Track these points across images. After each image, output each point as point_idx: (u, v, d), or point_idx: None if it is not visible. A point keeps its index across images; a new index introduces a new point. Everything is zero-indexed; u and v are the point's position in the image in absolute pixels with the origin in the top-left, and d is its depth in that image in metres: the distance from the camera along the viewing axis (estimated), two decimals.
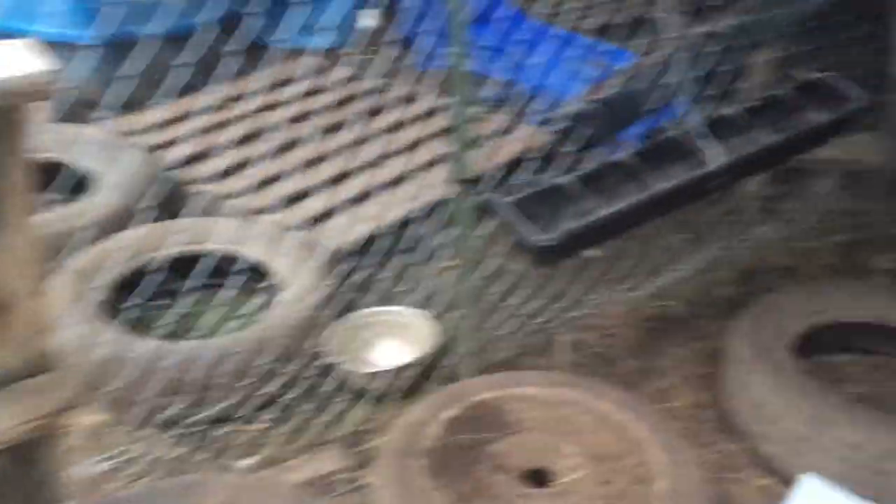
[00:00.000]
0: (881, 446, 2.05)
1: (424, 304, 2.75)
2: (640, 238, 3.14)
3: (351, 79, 4.20)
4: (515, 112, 4.17)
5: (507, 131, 3.67)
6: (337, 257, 2.97)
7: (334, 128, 3.61)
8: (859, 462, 2.08)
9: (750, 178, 3.08)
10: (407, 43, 5.14)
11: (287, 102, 3.69)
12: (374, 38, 5.30)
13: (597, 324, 2.80)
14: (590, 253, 2.90)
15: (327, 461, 2.25)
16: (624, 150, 2.50)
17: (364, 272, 2.87)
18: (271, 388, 2.39)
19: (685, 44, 2.57)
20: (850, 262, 3.25)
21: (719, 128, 2.59)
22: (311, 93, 3.84)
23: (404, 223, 3.11)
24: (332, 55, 5.16)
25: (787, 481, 2.24)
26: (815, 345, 2.64)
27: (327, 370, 2.50)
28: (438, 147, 3.44)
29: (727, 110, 2.60)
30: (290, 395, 2.43)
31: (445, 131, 3.75)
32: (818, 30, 2.88)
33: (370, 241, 3.04)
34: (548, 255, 2.27)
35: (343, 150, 3.42)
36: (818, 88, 2.71)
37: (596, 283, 2.92)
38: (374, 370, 2.48)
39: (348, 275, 3.02)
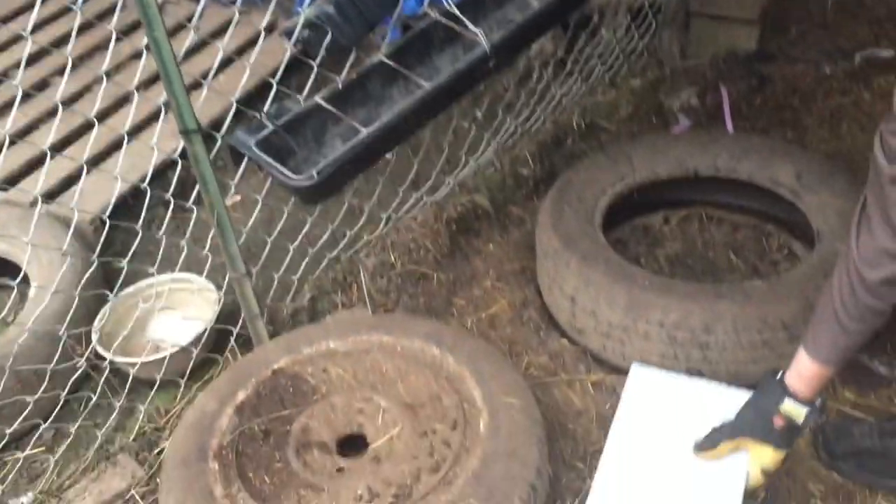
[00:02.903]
0: (697, 320, 1.95)
1: (201, 264, 2.40)
2: (429, 130, 2.87)
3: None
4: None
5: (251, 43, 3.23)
6: (91, 228, 2.56)
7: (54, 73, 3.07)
8: (681, 340, 1.98)
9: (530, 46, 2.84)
10: None
11: None
12: None
13: (400, 239, 2.55)
14: None
15: (115, 479, 1.94)
16: (381, 48, 2.17)
17: (126, 239, 2.48)
18: (39, 399, 2.03)
19: None
20: (647, 108, 3.12)
21: (481, 2, 2.30)
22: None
23: (161, 172, 2.70)
24: None
25: (619, 372, 2.13)
26: (624, 212, 2.51)
27: (100, 366, 2.15)
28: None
29: None
30: (63, 406, 2.08)
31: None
32: None
33: (125, 201, 2.64)
34: (313, 195, 1.96)
35: (67, 100, 2.92)
36: None
37: (391, 194, 2.65)
38: (151, 358, 2.15)
39: (107, 246, 2.61)
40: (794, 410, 1.53)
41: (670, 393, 1.77)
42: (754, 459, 1.59)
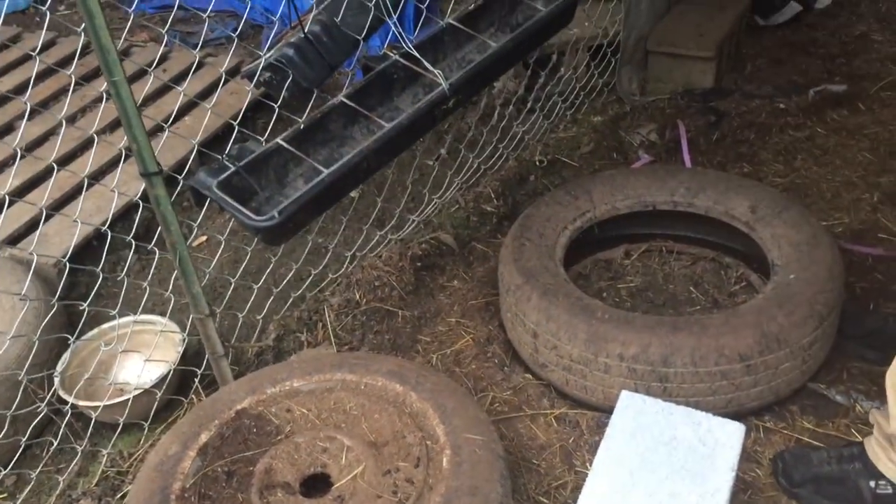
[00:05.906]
0: (656, 353, 1.98)
1: (167, 305, 2.40)
2: (394, 169, 2.91)
3: (47, 45, 3.62)
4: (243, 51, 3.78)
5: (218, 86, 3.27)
6: (55, 271, 2.55)
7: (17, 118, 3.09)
8: (641, 373, 2.01)
9: (488, 86, 2.89)
10: None
11: None
12: None
13: (365, 277, 2.57)
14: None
15: None
16: (343, 89, 2.21)
17: (91, 282, 2.48)
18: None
19: None
20: (608, 144, 3.18)
21: (440, 43, 2.35)
22: None
23: (127, 214, 2.71)
24: (27, 16, 4.50)
25: (581, 406, 2.15)
26: (586, 246, 2.55)
27: (62, 410, 2.14)
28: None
29: (444, 21, 2.36)
30: (25, 451, 2.06)
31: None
32: None
33: (91, 244, 2.64)
34: (275, 235, 1.98)
35: (30, 145, 2.93)
36: None
37: (356, 232, 2.68)
38: (113, 401, 2.13)
39: (73, 289, 2.61)
40: None
41: (657, 418, 1.82)
42: None
